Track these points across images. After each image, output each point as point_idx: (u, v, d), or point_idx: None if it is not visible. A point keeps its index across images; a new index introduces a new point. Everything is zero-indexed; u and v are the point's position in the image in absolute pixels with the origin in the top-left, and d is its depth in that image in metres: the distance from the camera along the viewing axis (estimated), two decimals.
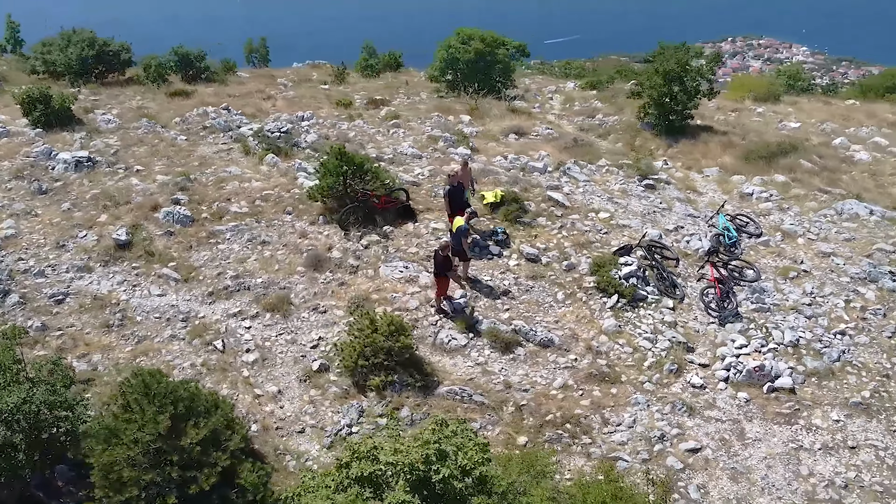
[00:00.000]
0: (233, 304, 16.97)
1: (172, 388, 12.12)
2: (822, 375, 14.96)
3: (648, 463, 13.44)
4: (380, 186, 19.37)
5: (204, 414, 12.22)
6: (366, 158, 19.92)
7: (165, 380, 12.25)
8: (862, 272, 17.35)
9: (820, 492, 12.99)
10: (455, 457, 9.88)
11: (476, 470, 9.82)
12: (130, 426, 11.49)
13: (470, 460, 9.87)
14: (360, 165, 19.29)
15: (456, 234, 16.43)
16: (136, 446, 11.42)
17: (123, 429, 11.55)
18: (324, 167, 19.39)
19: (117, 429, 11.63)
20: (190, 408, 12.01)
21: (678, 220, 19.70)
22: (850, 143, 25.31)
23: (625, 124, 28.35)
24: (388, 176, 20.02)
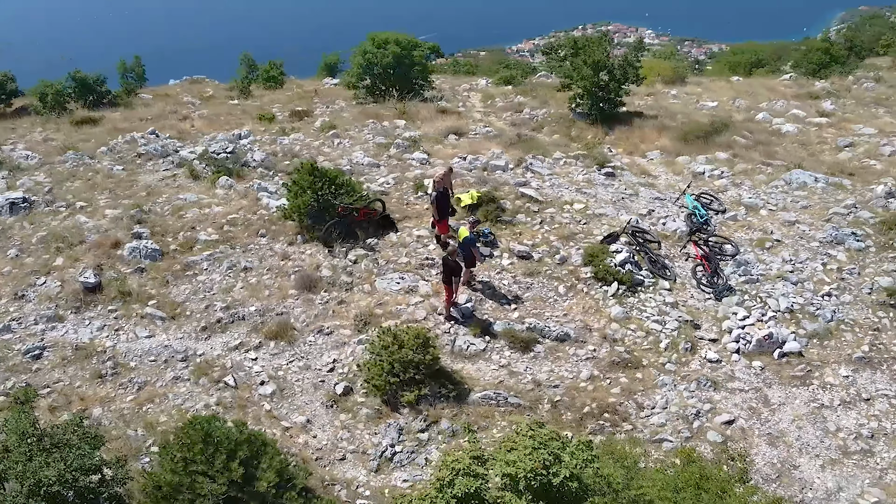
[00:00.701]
0: (231, 337, 16.18)
1: (229, 432, 11.46)
2: (822, 336, 15.90)
3: (691, 440, 13.87)
4: (358, 199, 18.95)
5: (264, 454, 11.63)
6: (339, 172, 19.42)
7: (224, 425, 11.55)
8: (828, 236, 18.55)
9: (851, 444, 13.83)
10: (567, 458, 9.84)
11: (588, 468, 9.83)
12: (199, 478, 10.74)
13: (579, 459, 9.86)
14: (333, 179, 18.79)
15: (464, 245, 16.31)
16: (205, 499, 10.71)
17: (189, 482, 10.79)
18: (296, 185, 18.74)
19: (181, 483, 10.85)
20: (252, 451, 11.39)
21: (647, 205, 20.36)
22: (772, 117, 26.97)
23: (556, 116, 28.96)
24: (361, 188, 19.60)
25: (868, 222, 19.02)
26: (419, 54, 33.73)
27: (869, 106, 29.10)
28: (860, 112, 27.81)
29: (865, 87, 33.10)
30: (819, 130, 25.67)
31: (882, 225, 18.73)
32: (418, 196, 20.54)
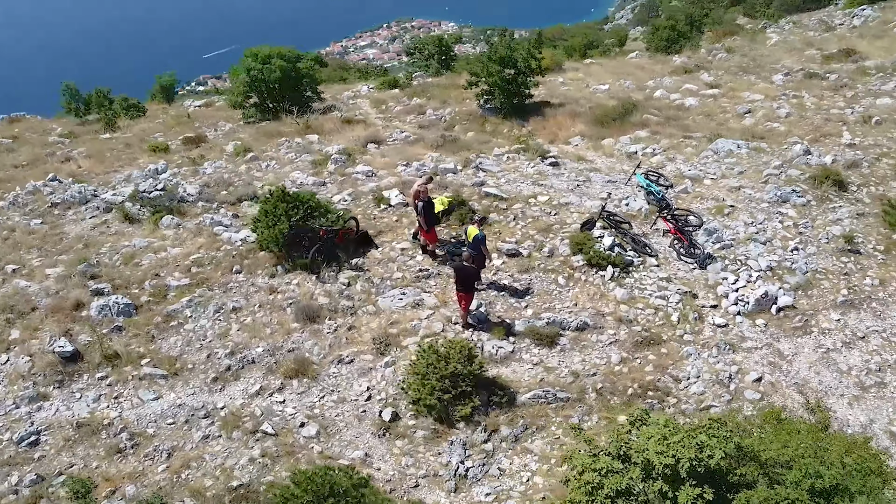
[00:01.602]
0: (247, 384, 15.20)
1: (336, 479, 10.86)
2: (804, 287, 17.31)
3: (733, 402, 14.69)
4: (336, 220, 18.32)
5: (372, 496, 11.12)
6: (310, 194, 18.63)
7: (331, 473, 10.89)
8: (773, 196, 20.16)
9: (865, 380, 15.21)
10: (708, 438, 10.17)
11: (729, 444, 10.21)
12: None
13: (720, 437, 10.22)
14: (307, 203, 18.04)
15: (474, 244, 16.22)
16: None
17: None
18: (268, 214, 17.79)
19: None
20: (372, 495, 10.86)
21: (602, 188, 21.13)
22: (668, 94, 28.77)
23: (463, 114, 29.29)
24: (336, 208, 18.95)
25: (800, 179, 20.84)
26: (305, 66, 32.84)
27: (738, 74, 31.73)
28: (737, 81, 30.25)
29: (721, 58, 36.10)
30: (714, 101, 27.70)
31: (812, 180, 20.60)
32: (382, 209, 20.13)
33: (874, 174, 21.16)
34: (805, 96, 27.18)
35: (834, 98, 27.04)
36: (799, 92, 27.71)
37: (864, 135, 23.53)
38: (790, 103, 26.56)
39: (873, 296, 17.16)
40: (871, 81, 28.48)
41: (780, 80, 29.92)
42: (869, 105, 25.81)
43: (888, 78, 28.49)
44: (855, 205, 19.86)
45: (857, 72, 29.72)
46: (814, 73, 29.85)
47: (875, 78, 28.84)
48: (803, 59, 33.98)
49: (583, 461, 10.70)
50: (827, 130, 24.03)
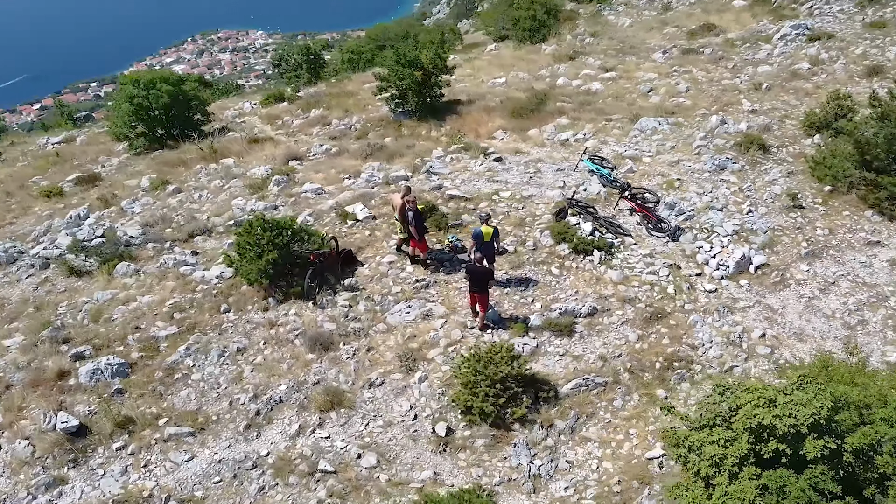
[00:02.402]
0: (284, 425, 14.49)
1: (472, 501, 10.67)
2: (769, 245, 18.76)
3: (750, 360, 15.74)
4: (323, 243, 17.69)
5: None
6: (290, 219, 17.82)
7: (464, 496, 10.66)
8: (711, 166, 21.59)
9: (849, 319, 16.78)
10: (810, 395, 10.91)
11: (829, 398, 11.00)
12: None
13: (821, 396, 10.97)
14: (289, 228, 17.29)
15: (490, 243, 16.28)
16: None
17: None
18: (252, 246, 16.86)
19: None
20: None
21: (554, 177, 21.72)
22: (570, 80, 29.91)
23: (374, 121, 28.99)
24: (318, 231, 18.27)
25: (727, 147, 22.46)
26: (191, 87, 31.16)
27: (618, 57, 33.49)
28: (624, 63, 31.93)
29: (589, 43, 37.98)
30: (616, 84, 29.13)
31: (738, 146, 22.28)
32: (350, 225, 19.63)
33: (785, 135, 23.18)
34: (693, 71, 29.20)
35: (718, 70, 29.23)
36: (685, 67, 29.70)
37: (760, 101, 25.68)
38: (684, 79, 28.45)
39: (828, 244, 18.89)
40: (742, 52, 31.03)
41: (660, 58, 31.92)
42: (752, 73, 28.17)
43: (756, 47, 31.19)
44: (781, 164, 21.69)
45: (726, 44, 32.28)
46: (690, 48, 32.10)
47: (743, 48, 31.46)
48: (668, 36, 36.36)
49: (698, 437, 11.14)
50: (727, 100, 25.99)
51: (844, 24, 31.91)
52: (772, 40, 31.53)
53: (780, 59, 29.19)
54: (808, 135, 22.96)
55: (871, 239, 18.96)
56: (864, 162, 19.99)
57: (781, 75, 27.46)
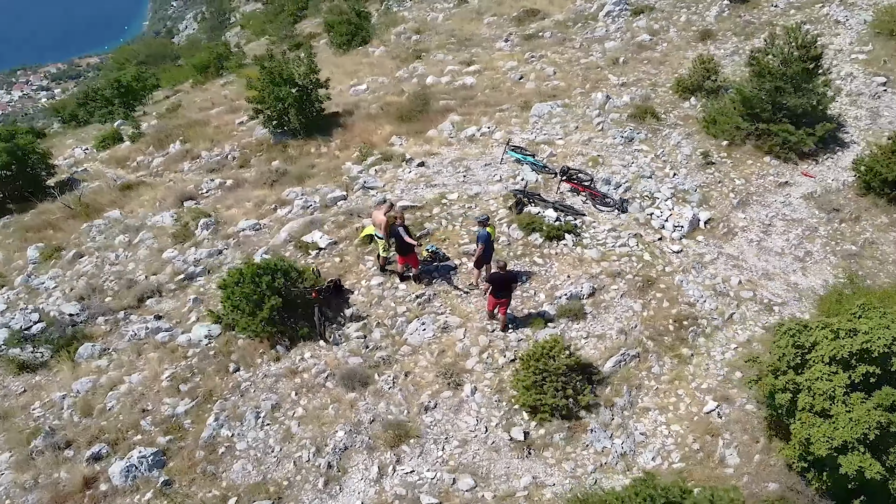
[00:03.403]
0: (361, 472, 13.91)
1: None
2: (705, 201, 20.65)
3: (742, 306, 17.35)
4: (317, 278, 16.86)
5: None
6: (278, 258, 16.71)
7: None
8: (620, 139, 23.16)
9: (797, 253, 19.06)
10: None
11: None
12: None
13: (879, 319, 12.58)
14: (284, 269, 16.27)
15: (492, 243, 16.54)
16: None
17: None
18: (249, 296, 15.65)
19: None
20: None
21: (487, 172, 22.10)
22: (439, 79, 30.29)
23: (252, 146, 27.69)
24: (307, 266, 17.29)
25: (624, 120, 24.21)
26: (26, 141, 27.70)
27: (461, 50, 34.44)
28: (474, 56, 32.91)
29: (416, 40, 38.66)
30: (483, 76, 30.00)
31: (633, 118, 24.12)
32: (315, 255, 18.80)
33: (664, 101, 25.43)
34: (548, 54, 30.86)
35: (569, 51, 31.11)
36: (540, 52, 31.26)
37: (623, 74, 27.82)
38: (545, 63, 29.98)
39: (749, 192, 21.18)
40: (577, 32, 33.23)
41: (505, 46, 33.30)
42: (603, 50, 30.34)
43: (588, 26, 33.52)
44: (676, 128, 23.81)
45: (559, 27, 34.37)
46: (530, 34, 33.82)
47: (577, 29, 33.71)
48: (492, 26, 37.92)
49: (805, 378, 12.28)
50: (595, 78, 27.87)
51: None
52: (598, 18, 34.04)
53: (619, 34, 31.65)
54: (684, 98, 25.34)
55: (780, 181, 21.52)
56: (752, 115, 22.53)
57: (630, 48, 29.88)
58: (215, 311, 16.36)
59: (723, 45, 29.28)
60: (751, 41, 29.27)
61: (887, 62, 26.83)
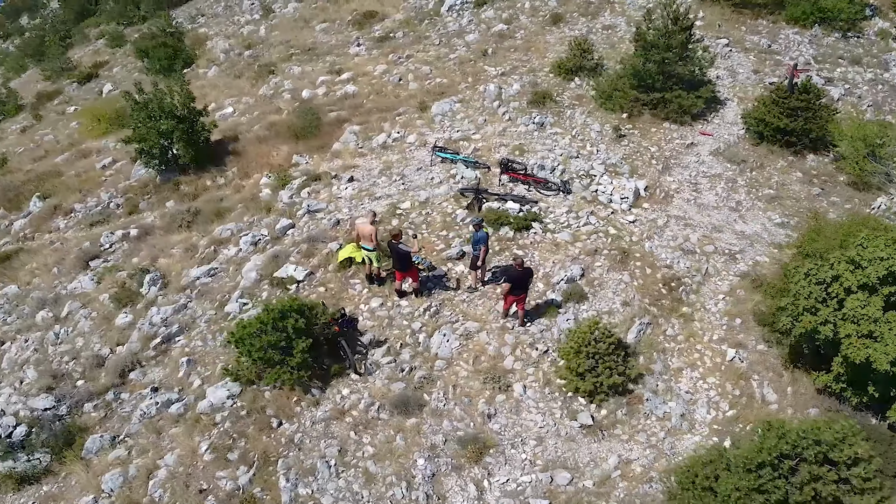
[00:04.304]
0: (458, 493, 13.69)
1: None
2: (633, 171, 22.09)
3: (710, 260, 18.92)
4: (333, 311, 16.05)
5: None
6: (292, 299, 15.61)
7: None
8: (534, 125, 24.02)
9: (731, 203, 21.06)
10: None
11: None
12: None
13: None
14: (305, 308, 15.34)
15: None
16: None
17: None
18: (275, 344, 14.59)
19: None
20: None
21: (422, 177, 21.92)
22: (316, 91, 29.33)
23: (136, 188, 25.39)
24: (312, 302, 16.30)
25: (527, 108, 25.11)
26: None
27: (312, 60, 33.63)
28: (333, 64, 32.26)
29: (251, 56, 37.20)
30: (359, 83, 29.48)
31: (534, 104, 25.11)
32: (296, 289, 17.84)
33: (551, 85, 26.66)
34: (415, 54, 31.04)
35: (431, 48, 31.47)
36: (407, 52, 31.28)
37: (498, 65, 28.73)
38: (417, 62, 30.11)
39: (665, 156, 22.97)
40: (430, 29, 33.72)
41: (361, 50, 33.03)
42: (466, 44, 31.04)
43: (436, 22, 34.07)
44: (575, 108, 25.15)
45: (406, 26, 34.62)
46: (383, 37, 33.76)
47: (426, 26, 34.17)
48: (330, 31, 37.34)
49: (850, 307, 13.77)
50: (473, 71, 28.53)
51: None
52: (442, 13, 34.73)
53: (473, 26, 32.53)
54: (567, 80, 26.74)
55: (686, 143, 23.55)
56: (645, 87, 24.37)
57: (491, 39, 30.86)
58: (231, 369, 15.05)
59: (574, 26, 31.16)
60: (597, 19, 31.53)
61: (721, 25, 30.11)
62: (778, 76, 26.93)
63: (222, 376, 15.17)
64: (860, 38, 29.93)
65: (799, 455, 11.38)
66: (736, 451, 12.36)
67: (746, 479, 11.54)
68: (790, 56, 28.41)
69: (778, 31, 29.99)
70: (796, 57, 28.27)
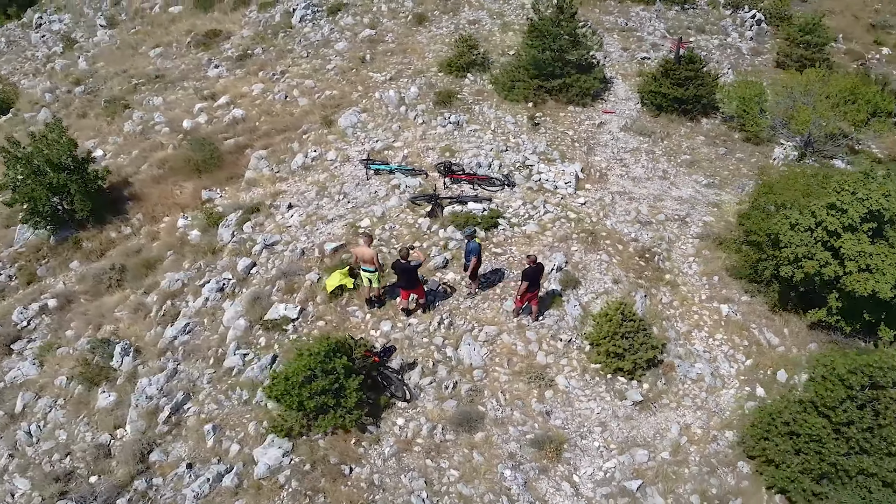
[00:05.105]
0: (555, 495, 13.81)
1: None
2: (563, 155, 22.96)
3: (664, 226, 20.22)
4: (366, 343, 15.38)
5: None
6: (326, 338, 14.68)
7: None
8: (450, 126, 24.04)
9: (657, 172, 22.55)
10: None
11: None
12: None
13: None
14: (346, 345, 14.61)
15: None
16: None
17: None
18: (331, 385, 13.81)
19: None
20: None
21: (364, 192, 21.27)
22: (196, 119, 27.26)
23: (30, 254, 22.52)
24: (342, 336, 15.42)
25: (432, 108, 25.16)
26: None
27: (168, 90, 31.33)
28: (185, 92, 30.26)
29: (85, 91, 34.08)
30: (244, 104, 27.81)
31: (442, 104, 25.23)
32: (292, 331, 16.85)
33: (444, 84, 26.91)
34: (289, 69, 29.83)
35: (301, 61, 30.40)
36: (280, 69, 29.90)
37: (380, 70, 28.46)
38: (294, 77, 29.03)
39: (583, 137, 24.10)
40: (290, 42, 32.58)
41: (221, 72, 31.28)
42: (334, 54, 30.28)
43: (294, 34, 32.93)
44: (481, 104, 25.62)
45: (259, 41, 33.17)
46: (242, 55, 32.12)
47: (283, 39, 32.99)
48: (168, 56, 34.96)
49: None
50: (359, 79, 28.05)
51: None
52: (294, 25, 33.73)
53: (337, 34, 31.87)
54: (460, 77, 27.14)
55: (594, 122, 24.84)
56: (544, 75, 25.37)
57: (363, 46, 30.46)
58: (278, 425, 13.99)
59: (440, 24, 31.60)
60: (459, 16, 32.20)
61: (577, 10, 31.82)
62: (645, 51, 29.09)
63: (268, 433, 14.06)
64: (696, 9, 32.97)
65: (875, 384, 12.66)
66: (805, 395, 13.47)
67: (834, 415, 12.65)
68: (647, 31, 30.77)
69: (627, 10, 32.31)
70: (652, 31, 30.69)
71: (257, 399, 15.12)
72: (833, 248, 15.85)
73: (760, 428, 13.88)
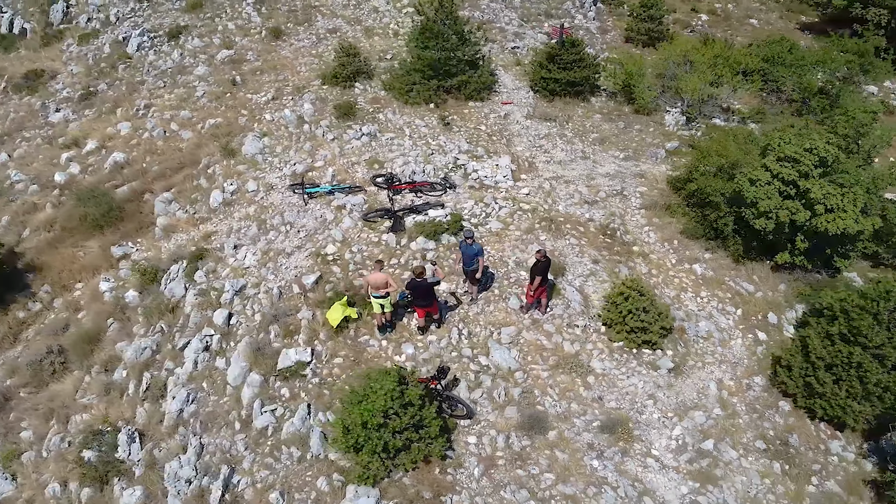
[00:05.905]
0: (644, 471, 14.28)
1: None
2: (487, 150, 23.31)
3: (609, 201, 21.30)
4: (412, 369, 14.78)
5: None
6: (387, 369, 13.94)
7: None
8: (365, 138, 23.38)
9: (579, 154, 23.66)
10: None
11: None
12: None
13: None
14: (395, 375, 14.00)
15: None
16: None
17: None
18: (415, 418, 13.26)
19: None
20: None
21: (309, 219, 20.14)
22: (69, 169, 24.15)
23: None
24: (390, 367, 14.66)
25: (338, 123, 24.40)
26: None
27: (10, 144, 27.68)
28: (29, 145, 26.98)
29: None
30: (121, 149, 25.15)
31: (340, 116, 24.52)
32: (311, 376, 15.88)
33: (334, 95, 26.17)
34: (152, 102, 27.31)
35: (160, 91, 27.97)
36: (127, 106, 27.30)
37: (256, 90, 26.99)
38: (163, 111, 26.73)
39: (495, 131, 24.61)
40: (134, 73, 29.89)
41: (66, 115, 28.10)
42: (196, 79, 28.23)
43: (140, 65, 30.25)
44: (383, 112, 25.23)
45: (98, 76, 30.16)
46: (84, 94, 28.93)
47: (125, 71, 30.18)
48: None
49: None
50: (238, 104, 26.39)
51: (162, 15, 33.30)
52: (131, 56, 31.00)
53: (193, 58, 29.68)
54: (347, 87, 26.52)
55: (499, 114, 25.52)
56: (440, 75, 25.53)
57: (226, 67, 28.70)
58: (362, 473, 13.20)
59: (297, 37, 30.58)
60: (314, 26, 31.37)
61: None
62: (511, 41, 30.17)
63: (346, 485, 13.23)
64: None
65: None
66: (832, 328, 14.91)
67: (868, 341, 14.19)
68: (504, 22, 31.82)
69: (477, 2, 33.11)
70: (509, 22, 31.80)
71: (314, 453, 14.11)
72: (790, 196, 17.60)
73: (798, 368, 15.18)
